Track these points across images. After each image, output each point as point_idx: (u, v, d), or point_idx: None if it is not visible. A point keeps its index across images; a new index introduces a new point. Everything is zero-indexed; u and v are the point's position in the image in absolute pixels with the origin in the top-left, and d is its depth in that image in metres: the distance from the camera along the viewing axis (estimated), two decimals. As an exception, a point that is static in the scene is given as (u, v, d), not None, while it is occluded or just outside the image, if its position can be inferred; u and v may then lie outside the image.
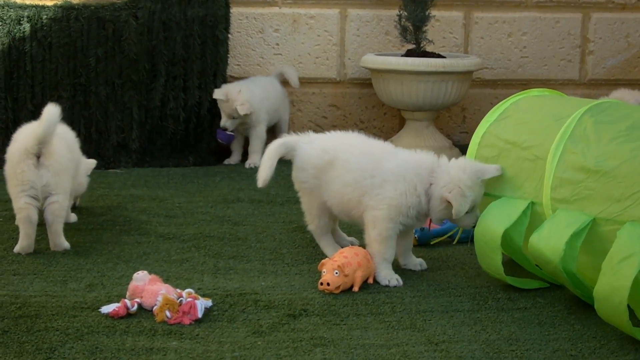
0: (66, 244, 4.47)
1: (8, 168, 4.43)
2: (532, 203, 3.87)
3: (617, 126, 3.71)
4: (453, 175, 4.00)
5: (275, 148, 4.34)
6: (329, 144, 4.31)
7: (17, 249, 4.37)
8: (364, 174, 4.11)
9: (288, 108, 7.07)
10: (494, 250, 3.86)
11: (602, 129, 3.73)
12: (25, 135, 4.45)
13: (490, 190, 4.07)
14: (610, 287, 3.32)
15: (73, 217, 4.91)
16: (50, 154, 4.37)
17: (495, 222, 3.88)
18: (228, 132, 6.50)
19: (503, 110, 4.25)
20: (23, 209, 4.34)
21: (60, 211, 4.42)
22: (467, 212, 4.01)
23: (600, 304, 3.39)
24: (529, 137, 3.99)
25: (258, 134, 6.63)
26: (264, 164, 4.29)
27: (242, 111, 6.35)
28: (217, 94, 6.44)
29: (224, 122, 6.48)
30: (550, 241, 3.62)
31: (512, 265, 4.12)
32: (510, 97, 4.32)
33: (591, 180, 3.61)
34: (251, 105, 6.42)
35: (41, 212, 4.41)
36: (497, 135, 4.14)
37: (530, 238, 3.72)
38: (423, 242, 4.58)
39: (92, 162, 5.18)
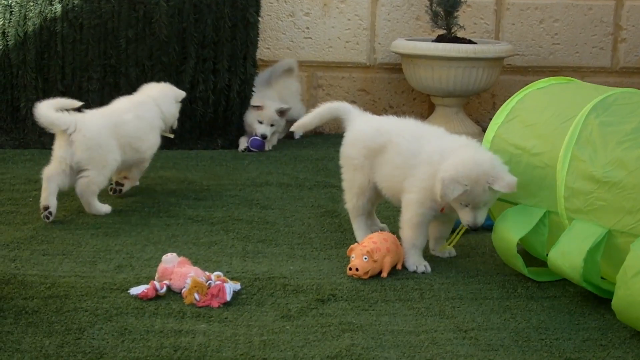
0: (103, 210, 4.75)
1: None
2: (549, 212, 3.83)
3: (622, 128, 3.62)
4: (459, 160, 3.85)
5: (329, 107, 4.32)
6: (384, 125, 4.27)
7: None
8: (410, 156, 4.06)
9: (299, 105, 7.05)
10: (513, 257, 3.85)
11: (608, 132, 3.63)
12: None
13: (505, 196, 4.00)
14: (625, 302, 3.27)
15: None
16: (81, 133, 4.64)
17: (510, 231, 3.85)
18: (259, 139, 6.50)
19: (510, 110, 4.17)
20: (48, 167, 4.68)
21: (88, 186, 4.68)
22: (467, 208, 3.86)
23: (620, 316, 3.35)
24: (537, 142, 3.91)
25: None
26: (310, 115, 4.28)
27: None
28: (255, 101, 6.53)
29: (265, 130, 6.48)
30: (568, 258, 3.57)
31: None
32: (516, 94, 4.23)
33: (602, 191, 3.53)
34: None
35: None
36: (506, 139, 4.07)
37: (549, 254, 3.68)
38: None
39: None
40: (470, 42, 6.75)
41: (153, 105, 5.14)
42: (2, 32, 6.28)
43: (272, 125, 6.50)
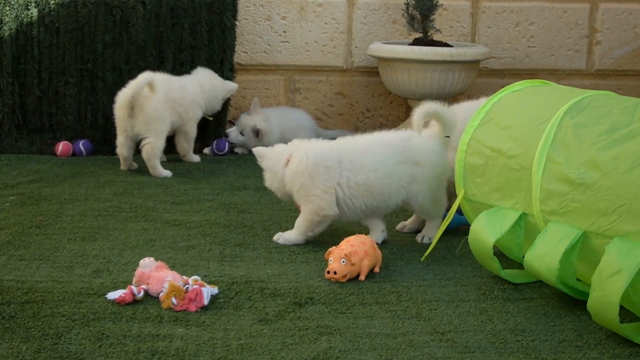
0: (165, 173, 5.77)
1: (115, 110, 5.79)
2: (525, 214, 3.85)
3: (596, 129, 3.61)
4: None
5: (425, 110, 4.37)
6: None
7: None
8: None
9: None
10: (489, 259, 3.87)
11: (582, 134, 3.63)
12: (123, 93, 5.68)
13: (481, 199, 4.03)
14: (601, 302, 3.29)
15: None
16: (140, 107, 5.63)
17: (485, 233, 3.86)
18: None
19: (485, 113, 4.15)
20: (118, 145, 5.81)
21: (152, 150, 5.69)
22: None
23: (595, 317, 3.37)
24: (513, 144, 3.90)
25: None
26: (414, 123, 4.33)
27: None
28: (256, 109, 6.73)
29: (234, 133, 6.68)
30: (544, 260, 3.58)
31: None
32: (492, 96, 4.22)
33: (576, 192, 3.54)
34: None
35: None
36: (482, 142, 4.06)
37: (525, 256, 3.69)
38: (453, 227, 4.61)
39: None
40: (446, 45, 6.77)
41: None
42: (-22, 37, 6.26)
43: (242, 134, 6.61)
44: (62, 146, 6.30)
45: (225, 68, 6.55)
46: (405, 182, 4.37)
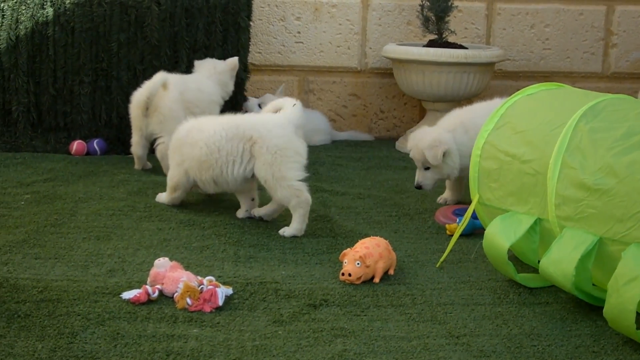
0: None
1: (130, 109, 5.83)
2: (540, 219, 3.83)
3: (612, 134, 3.59)
4: None
5: None
6: None
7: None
8: None
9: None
10: (504, 264, 3.85)
11: (598, 139, 3.62)
12: (139, 92, 5.70)
13: (496, 203, 4.02)
14: (617, 309, 3.27)
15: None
16: (155, 106, 5.62)
17: (500, 237, 3.85)
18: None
19: (500, 116, 4.14)
20: (132, 144, 5.84)
21: (166, 149, 5.39)
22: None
23: (612, 324, 3.36)
24: (527, 149, 3.89)
25: None
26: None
27: None
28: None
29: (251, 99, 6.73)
30: (559, 265, 3.57)
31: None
32: (506, 100, 4.21)
33: (592, 198, 3.52)
34: None
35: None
36: (496, 146, 4.05)
37: (540, 262, 3.68)
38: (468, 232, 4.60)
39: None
40: (461, 47, 6.76)
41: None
42: (-7, 35, 6.28)
43: (260, 106, 6.66)
44: (76, 145, 6.31)
45: (239, 68, 6.54)
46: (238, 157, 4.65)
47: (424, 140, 4.92)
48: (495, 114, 4.16)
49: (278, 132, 4.57)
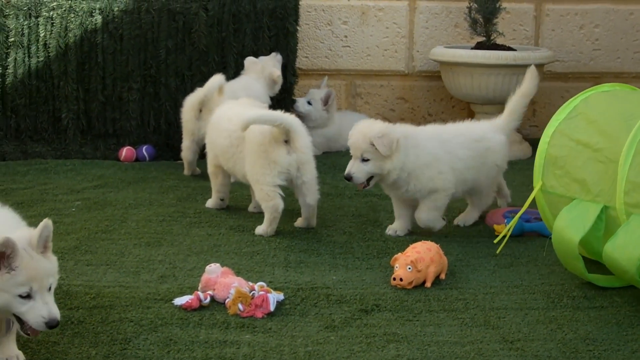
0: None
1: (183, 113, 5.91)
2: (606, 207, 3.80)
3: None
4: None
5: None
6: None
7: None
8: None
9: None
10: (574, 258, 3.82)
11: None
12: (193, 96, 5.79)
13: (560, 190, 4.00)
14: None
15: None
16: (208, 110, 5.56)
17: (570, 231, 3.82)
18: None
19: (573, 107, 4.17)
20: (183, 149, 5.90)
21: None
22: None
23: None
24: (600, 138, 3.90)
25: None
26: None
27: None
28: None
29: (301, 101, 6.76)
30: (625, 250, 3.55)
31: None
32: (580, 93, 4.23)
33: None
34: None
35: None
36: (568, 135, 4.06)
37: (605, 247, 3.65)
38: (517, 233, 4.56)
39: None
40: (509, 48, 6.70)
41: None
42: (43, 44, 6.34)
43: (309, 103, 6.68)
44: (125, 151, 6.35)
45: (288, 73, 6.54)
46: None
47: (373, 129, 4.51)
48: (568, 105, 4.19)
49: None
